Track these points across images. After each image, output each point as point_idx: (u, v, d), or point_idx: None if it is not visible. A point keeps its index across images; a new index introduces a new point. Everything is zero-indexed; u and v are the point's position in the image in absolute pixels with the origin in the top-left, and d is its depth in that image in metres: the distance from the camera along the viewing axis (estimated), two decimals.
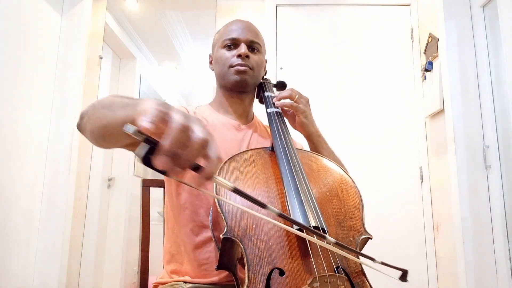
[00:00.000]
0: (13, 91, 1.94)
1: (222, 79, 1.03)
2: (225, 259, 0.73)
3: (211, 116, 1.03)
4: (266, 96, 1.05)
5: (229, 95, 1.05)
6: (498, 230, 1.80)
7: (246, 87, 1.02)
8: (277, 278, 0.64)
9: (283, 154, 0.84)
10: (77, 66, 2.36)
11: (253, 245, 0.67)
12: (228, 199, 0.73)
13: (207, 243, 0.87)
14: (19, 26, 1.99)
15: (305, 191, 0.75)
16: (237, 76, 0.99)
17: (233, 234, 0.68)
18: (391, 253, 2.10)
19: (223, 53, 1.02)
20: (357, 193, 0.83)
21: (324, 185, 0.83)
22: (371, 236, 0.76)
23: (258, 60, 1.02)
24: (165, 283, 0.91)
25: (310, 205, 0.73)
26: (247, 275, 0.63)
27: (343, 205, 0.79)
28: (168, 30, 3.44)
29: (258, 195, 0.76)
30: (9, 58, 1.91)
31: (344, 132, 2.34)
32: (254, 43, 1.02)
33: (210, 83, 3.43)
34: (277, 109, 1.00)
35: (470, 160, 1.90)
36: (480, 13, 1.98)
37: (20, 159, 2.01)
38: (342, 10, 2.54)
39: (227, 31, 1.04)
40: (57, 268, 2.14)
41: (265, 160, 0.86)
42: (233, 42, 1.01)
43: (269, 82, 1.12)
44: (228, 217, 0.70)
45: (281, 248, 0.68)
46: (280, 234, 0.70)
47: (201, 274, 0.87)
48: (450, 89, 1.97)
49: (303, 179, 0.78)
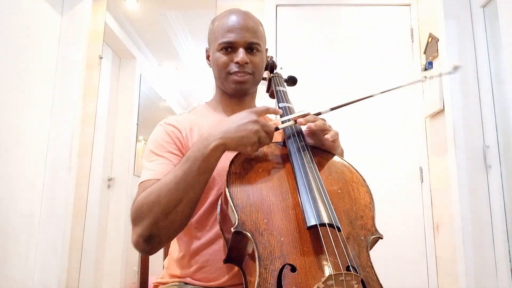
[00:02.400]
0: (13, 91, 1.94)
1: (220, 83, 0.98)
2: (233, 253, 0.72)
3: (206, 118, 0.98)
4: (278, 90, 1.01)
5: (228, 96, 1.00)
6: (498, 230, 1.80)
7: (245, 93, 0.98)
8: (289, 274, 0.63)
9: (296, 149, 0.82)
10: (77, 66, 2.36)
11: (264, 240, 0.66)
12: (240, 194, 0.72)
13: (206, 246, 0.87)
14: (19, 26, 1.99)
15: (318, 187, 0.74)
16: (235, 86, 0.94)
17: (244, 228, 0.67)
18: (391, 253, 2.10)
19: (220, 57, 0.94)
20: (368, 192, 0.82)
21: (335, 183, 0.81)
22: (382, 236, 0.75)
23: (258, 62, 0.96)
24: (166, 283, 0.91)
25: (324, 201, 0.71)
26: (258, 270, 0.62)
27: (354, 204, 0.78)
28: (168, 30, 3.45)
29: (270, 190, 0.75)
30: (9, 58, 1.91)
31: (344, 132, 2.33)
32: (253, 44, 0.94)
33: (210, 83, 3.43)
34: (289, 104, 0.96)
35: (470, 160, 1.90)
36: (480, 13, 1.98)
37: (20, 159, 2.01)
38: (342, 10, 2.54)
39: (222, 30, 0.94)
40: (57, 268, 2.14)
41: (276, 155, 0.84)
42: (230, 46, 0.93)
43: (281, 76, 1.08)
44: (240, 210, 0.69)
45: (293, 244, 0.67)
46: (292, 231, 0.69)
47: (202, 277, 0.86)
48: (450, 89, 1.97)
49: (317, 175, 0.77)
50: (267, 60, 1.10)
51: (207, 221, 0.87)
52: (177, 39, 3.66)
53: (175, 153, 0.87)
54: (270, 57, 1.12)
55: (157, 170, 0.82)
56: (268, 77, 1.10)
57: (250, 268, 0.70)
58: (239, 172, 0.77)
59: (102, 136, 3.00)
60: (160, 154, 0.86)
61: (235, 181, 0.75)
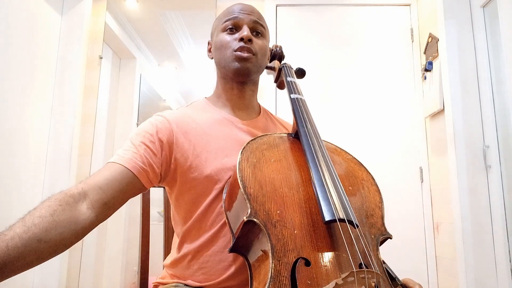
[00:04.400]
0: (13, 91, 1.94)
1: (222, 66, 0.95)
2: (240, 242, 0.71)
3: (205, 113, 0.96)
4: (289, 81, 0.98)
5: (229, 87, 0.97)
6: (498, 230, 1.80)
7: (248, 75, 0.94)
8: (303, 267, 0.61)
9: (310, 141, 0.80)
10: (77, 66, 2.36)
11: (277, 231, 0.65)
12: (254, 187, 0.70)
13: (206, 246, 0.86)
14: (19, 26, 1.99)
15: (335, 182, 0.72)
16: (239, 64, 0.90)
17: (257, 218, 0.65)
18: (391, 253, 2.10)
19: (223, 37, 0.93)
20: (377, 191, 0.81)
21: (347, 179, 0.80)
22: (391, 236, 0.74)
23: (262, 45, 0.94)
24: (166, 283, 0.91)
25: (341, 196, 0.69)
26: (272, 262, 0.61)
27: (364, 202, 0.77)
28: (168, 30, 3.44)
29: (282, 181, 0.73)
30: (9, 58, 1.91)
31: (344, 132, 2.34)
32: (257, 25, 0.94)
33: (210, 83, 3.43)
34: (301, 96, 0.93)
35: (470, 160, 1.90)
36: (480, 13, 1.98)
37: (20, 159, 2.01)
38: (342, 10, 2.54)
39: (227, 12, 0.95)
40: (57, 268, 2.14)
41: (288, 146, 0.83)
42: (235, 24, 0.93)
43: (290, 67, 1.06)
44: (252, 199, 0.68)
45: (307, 238, 0.65)
46: (306, 224, 0.67)
47: (201, 278, 0.86)
48: (450, 89, 1.97)
49: (333, 170, 0.75)
50: (276, 50, 1.09)
51: (207, 222, 0.87)
52: (177, 39, 3.66)
53: (147, 144, 0.85)
54: (279, 47, 1.11)
55: (124, 157, 0.81)
56: (277, 67, 1.07)
57: (259, 260, 0.68)
58: (251, 160, 0.75)
59: (102, 136, 3.00)
60: (134, 142, 0.85)
61: (247, 169, 0.73)
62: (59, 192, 0.71)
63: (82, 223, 0.69)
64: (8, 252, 0.58)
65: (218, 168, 0.86)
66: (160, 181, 0.89)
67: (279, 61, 1.10)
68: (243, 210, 0.69)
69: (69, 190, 0.72)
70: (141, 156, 0.82)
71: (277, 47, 1.10)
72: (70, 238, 0.67)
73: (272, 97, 2.40)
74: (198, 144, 0.88)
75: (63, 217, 0.66)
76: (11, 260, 0.58)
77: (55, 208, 0.67)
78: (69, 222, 0.67)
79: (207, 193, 0.86)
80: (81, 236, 0.70)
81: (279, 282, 0.60)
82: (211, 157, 0.87)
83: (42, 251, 0.62)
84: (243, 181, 0.70)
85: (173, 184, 0.90)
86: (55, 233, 0.64)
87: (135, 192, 0.82)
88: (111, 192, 0.76)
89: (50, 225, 0.64)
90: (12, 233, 0.60)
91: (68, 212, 0.68)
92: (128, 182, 0.79)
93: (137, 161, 0.81)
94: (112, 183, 0.76)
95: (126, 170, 0.79)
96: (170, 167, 0.87)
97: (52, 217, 0.65)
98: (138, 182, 0.80)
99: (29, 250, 0.60)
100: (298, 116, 0.88)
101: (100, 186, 0.75)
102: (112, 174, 0.77)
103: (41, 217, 0.64)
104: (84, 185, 0.74)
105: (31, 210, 0.66)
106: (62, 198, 0.69)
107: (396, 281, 0.67)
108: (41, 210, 0.65)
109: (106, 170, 0.79)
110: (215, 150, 0.88)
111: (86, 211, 0.71)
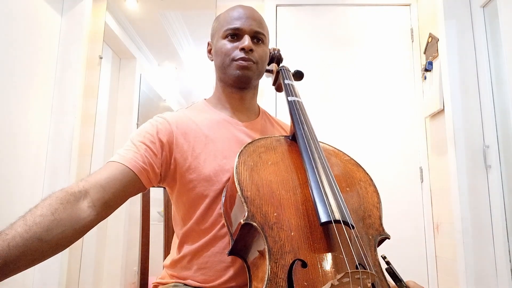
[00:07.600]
0: (13, 91, 1.94)
1: (222, 72, 0.95)
2: (239, 245, 0.71)
3: (204, 114, 0.96)
4: (286, 84, 0.99)
5: (229, 91, 0.98)
6: (498, 230, 1.80)
7: (248, 83, 0.95)
8: (299, 269, 0.62)
9: (307, 143, 0.81)
10: (77, 66, 2.36)
11: (274, 234, 0.65)
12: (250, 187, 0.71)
13: (206, 247, 0.87)
14: (19, 26, 1.99)
15: (331, 183, 0.73)
16: (239, 72, 0.91)
17: (254, 220, 0.66)
18: (391, 253, 2.10)
19: (224, 44, 0.93)
20: (375, 192, 0.81)
21: (344, 180, 0.81)
22: (389, 236, 0.74)
23: (262, 53, 0.95)
24: (166, 283, 0.91)
25: (337, 198, 0.70)
26: (269, 264, 0.62)
27: (362, 202, 0.78)
28: (168, 30, 3.44)
29: (279, 184, 0.73)
30: (9, 58, 1.91)
31: (344, 132, 2.34)
32: (258, 34, 0.94)
33: (210, 83, 3.43)
34: (298, 98, 0.94)
35: (470, 160, 1.90)
36: (480, 13, 1.98)
37: (20, 159, 2.01)
38: (342, 10, 2.54)
39: (228, 19, 0.95)
40: (57, 268, 2.14)
41: (285, 149, 0.83)
42: (236, 33, 0.93)
43: (288, 70, 1.06)
44: (249, 202, 0.68)
45: (304, 239, 0.66)
46: (303, 226, 0.68)
47: (201, 279, 0.86)
48: (450, 89, 1.97)
49: (329, 171, 0.75)
50: (274, 53, 1.10)
51: (206, 223, 0.87)
52: (177, 39, 3.66)
53: (147, 144, 0.85)
54: (277, 50, 1.11)
55: (125, 156, 0.82)
56: (275, 70, 1.08)
57: (257, 262, 0.69)
58: (248, 163, 0.75)
59: (102, 136, 3.00)
60: (134, 142, 0.86)
61: (244, 172, 0.73)
62: (60, 189, 0.71)
63: (83, 221, 0.70)
64: (10, 251, 0.59)
65: (217, 170, 0.86)
66: (160, 181, 0.89)
67: (277, 64, 1.11)
68: (240, 212, 0.70)
69: (70, 188, 0.72)
70: (141, 156, 0.82)
71: (275, 50, 1.11)
72: (71, 237, 0.68)
73: (272, 99, 2.40)
74: (197, 145, 0.89)
75: (64, 216, 0.67)
76: (12, 259, 0.59)
77: (56, 206, 0.67)
78: (70, 220, 0.67)
79: (206, 195, 0.86)
80: (82, 234, 0.70)
81: (276, 284, 0.60)
82: (210, 158, 0.87)
83: (43, 250, 0.63)
84: (240, 184, 0.71)
85: (173, 185, 0.90)
86: (56, 232, 0.65)
87: (135, 192, 0.82)
88: (112, 190, 0.76)
89: (51, 224, 0.64)
90: (14, 232, 0.61)
91: (69, 211, 0.68)
92: (129, 181, 0.79)
93: (138, 161, 0.81)
94: (113, 182, 0.77)
95: (127, 169, 0.79)
96: (170, 168, 0.88)
97: (53, 216, 0.65)
98: (138, 181, 0.81)
99: (30, 249, 0.61)
100: (295, 119, 0.88)
101: (101, 185, 0.75)
102: (113, 173, 0.78)
103: (42, 216, 0.64)
104: (85, 183, 0.74)
105: (32, 208, 0.66)
106: (63, 196, 0.69)
107: (401, 283, 0.67)
108: (42, 209, 0.66)
109: (107, 169, 0.79)
110: (214, 152, 0.89)
111: (87, 210, 0.71)
